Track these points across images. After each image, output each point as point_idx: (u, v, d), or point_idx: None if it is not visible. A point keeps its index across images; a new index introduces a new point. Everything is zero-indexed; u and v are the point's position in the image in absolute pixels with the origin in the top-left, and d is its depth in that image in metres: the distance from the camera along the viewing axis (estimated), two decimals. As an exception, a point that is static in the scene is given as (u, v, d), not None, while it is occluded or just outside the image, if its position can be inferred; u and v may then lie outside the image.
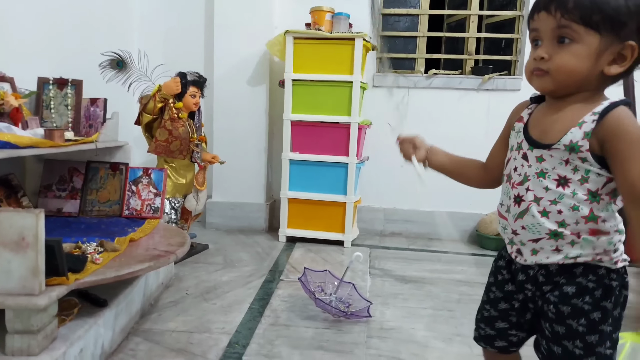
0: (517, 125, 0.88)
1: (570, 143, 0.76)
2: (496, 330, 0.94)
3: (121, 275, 1.29)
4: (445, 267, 2.37)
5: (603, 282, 0.79)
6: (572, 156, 0.76)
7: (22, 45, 1.93)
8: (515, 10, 2.91)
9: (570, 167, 0.77)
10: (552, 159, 0.79)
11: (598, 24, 0.73)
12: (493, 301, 0.95)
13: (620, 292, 0.80)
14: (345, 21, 2.59)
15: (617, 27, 0.72)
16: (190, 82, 2.24)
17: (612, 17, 0.72)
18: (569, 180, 0.78)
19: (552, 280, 0.82)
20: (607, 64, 0.75)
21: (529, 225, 0.82)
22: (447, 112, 2.91)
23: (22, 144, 1.33)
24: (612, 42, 0.73)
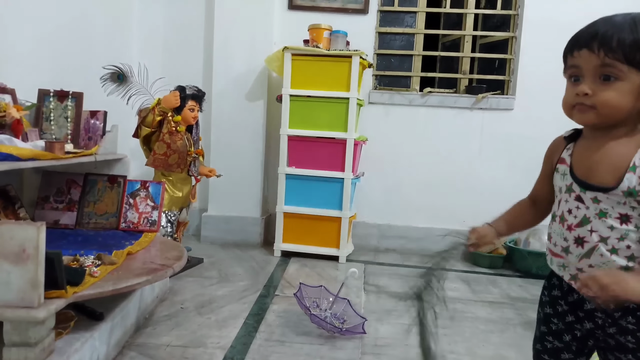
0: (560, 167, 0.90)
1: (628, 189, 0.78)
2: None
3: (119, 289, 1.29)
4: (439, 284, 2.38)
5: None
6: (629, 200, 0.79)
7: (23, 57, 1.95)
8: (508, 31, 2.98)
9: (630, 206, 0.80)
10: (609, 200, 0.81)
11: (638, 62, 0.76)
12: (556, 333, 0.95)
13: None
14: (342, 39, 2.64)
15: None
16: (189, 96, 2.27)
17: None
18: (631, 217, 0.80)
19: (622, 306, 0.83)
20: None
21: (599, 264, 0.83)
22: (441, 130, 2.96)
23: (24, 156, 1.34)
24: None
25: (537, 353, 1.00)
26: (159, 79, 2.22)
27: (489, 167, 2.89)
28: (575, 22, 0.95)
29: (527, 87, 2.85)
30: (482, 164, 2.92)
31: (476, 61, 3.13)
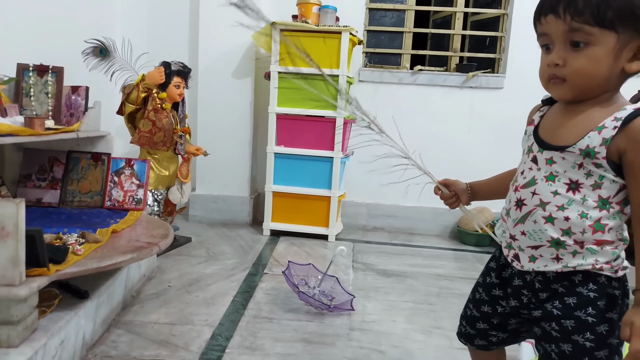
0: (528, 128, 0.85)
1: (587, 148, 0.72)
2: (476, 330, 0.95)
3: (103, 267, 1.28)
4: (426, 262, 2.41)
5: (605, 291, 0.75)
6: (587, 161, 0.73)
7: (1, 31, 1.88)
8: (500, 8, 2.95)
9: (584, 172, 0.74)
10: (563, 161, 0.75)
11: (613, 22, 0.68)
12: (477, 302, 0.94)
13: (623, 302, 0.76)
14: (332, 14, 2.59)
15: (634, 20, 0.68)
16: (174, 72, 2.22)
17: (627, 12, 0.68)
18: (581, 185, 0.74)
19: (549, 287, 0.79)
20: (627, 62, 0.71)
21: (530, 232, 0.79)
22: (431, 109, 2.94)
23: (2, 132, 1.30)
24: (630, 37, 0.69)
25: (460, 318, 1.00)
26: (143, 54, 2.16)
27: (478, 146, 2.89)
28: None
29: (517, 66, 2.84)
30: (471, 143, 2.91)
31: (467, 39, 3.10)
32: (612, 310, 0.75)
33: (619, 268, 0.76)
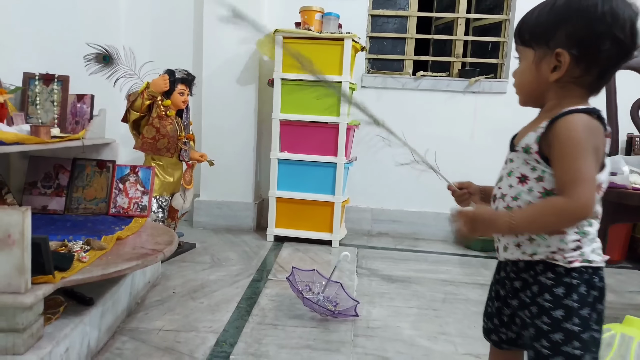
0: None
1: (526, 146, 0.82)
2: (493, 325, 0.97)
3: (108, 274, 1.28)
4: (431, 267, 2.40)
5: (563, 280, 0.80)
6: (529, 157, 0.82)
7: (7, 40, 1.90)
8: (502, 14, 2.95)
9: (530, 167, 0.83)
10: (517, 160, 0.85)
11: (529, 41, 0.83)
12: (490, 298, 0.98)
13: (588, 292, 0.79)
14: (334, 21, 2.60)
15: (543, 39, 0.80)
16: (178, 79, 2.23)
17: (537, 32, 0.82)
18: (527, 178, 0.83)
19: (520, 277, 0.86)
20: (550, 72, 0.81)
21: None
22: (434, 114, 2.95)
23: (8, 141, 1.31)
24: (545, 53, 0.81)
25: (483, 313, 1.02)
26: (147, 62, 2.18)
27: (481, 150, 2.88)
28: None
29: (520, 70, 2.84)
30: (475, 147, 2.91)
31: (469, 44, 3.11)
32: (569, 298, 0.79)
33: (574, 260, 0.80)
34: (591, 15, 0.75)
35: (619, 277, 2.41)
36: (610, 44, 0.76)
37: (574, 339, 0.79)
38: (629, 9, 0.75)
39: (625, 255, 2.71)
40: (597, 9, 0.75)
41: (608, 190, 1.45)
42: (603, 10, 0.74)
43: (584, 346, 0.79)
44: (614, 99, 1.76)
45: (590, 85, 0.81)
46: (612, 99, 1.75)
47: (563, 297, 0.79)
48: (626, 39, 0.75)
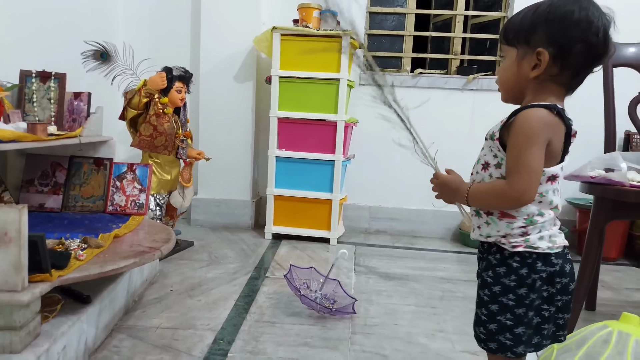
0: None
1: (492, 134, 0.92)
2: None
3: (105, 272, 1.28)
4: (429, 265, 2.40)
5: (506, 262, 0.91)
6: (492, 145, 0.92)
7: (4, 37, 1.89)
8: (500, 11, 2.95)
9: (492, 154, 0.93)
10: (485, 148, 0.96)
11: (512, 40, 0.91)
12: None
13: (528, 275, 0.89)
14: (332, 19, 2.59)
15: (525, 38, 0.88)
16: (176, 77, 2.23)
17: (519, 32, 0.89)
18: (489, 165, 0.93)
19: (483, 257, 0.99)
20: (530, 70, 0.88)
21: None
22: (432, 111, 2.94)
23: (5, 138, 1.31)
24: (526, 51, 0.88)
25: None
26: (145, 60, 2.17)
27: (479, 148, 2.87)
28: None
29: (518, 68, 2.84)
30: (473, 145, 2.89)
31: (467, 42, 3.10)
32: (508, 277, 0.91)
33: (518, 245, 0.90)
34: (568, 20, 0.84)
35: (616, 274, 2.42)
36: (583, 47, 0.84)
37: (507, 311, 0.91)
38: (603, 17, 0.84)
39: (622, 252, 2.72)
40: (574, 15, 0.83)
41: (605, 187, 1.46)
42: (579, 17, 0.83)
43: (516, 319, 0.90)
44: (612, 97, 1.76)
45: (566, 84, 0.89)
46: (609, 97, 1.75)
47: (502, 275, 0.91)
48: (598, 44, 0.84)
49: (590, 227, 1.58)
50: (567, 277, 0.91)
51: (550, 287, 0.90)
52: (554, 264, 0.90)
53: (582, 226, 2.76)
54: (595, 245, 1.57)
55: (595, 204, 1.59)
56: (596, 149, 1.97)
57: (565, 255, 0.92)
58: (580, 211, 2.80)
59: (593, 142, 2.26)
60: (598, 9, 0.85)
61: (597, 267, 1.83)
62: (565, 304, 0.93)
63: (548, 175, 0.88)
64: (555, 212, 0.91)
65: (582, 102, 2.79)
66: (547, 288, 0.90)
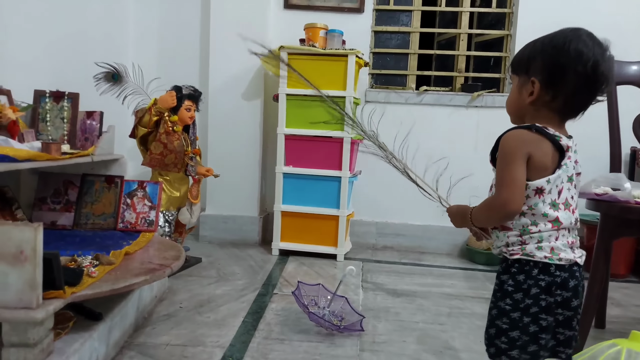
0: None
1: (490, 156, 1.02)
2: None
3: (117, 289, 1.30)
4: (436, 281, 2.40)
5: (508, 269, 0.97)
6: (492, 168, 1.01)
7: (19, 58, 1.95)
8: (503, 29, 2.99)
9: (494, 175, 1.01)
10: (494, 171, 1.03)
11: (516, 69, 1.01)
12: None
13: (524, 281, 0.94)
14: (338, 38, 2.64)
15: (524, 68, 0.98)
16: (185, 95, 2.27)
17: (520, 62, 0.99)
18: (493, 185, 1.03)
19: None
20: (528, 96, 0.97)
21: None
22: (437, 128, 2.97)
23: (21, 157, 1.34)
24: (525, 80, 0.97)
25: None
26: (155, 79, 2.22)
27: (484, 164, 2.87)
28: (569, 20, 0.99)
29: (522, 85, 2.86)
30: (478, 162, 2.92)
31: (472, 59, 3.14)
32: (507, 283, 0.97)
33: (515, 253, 0.96)
34: (559, 50, 0.91)
35: (625, 291, 2.40)
36: (572, 76, 0.90)
37: (504, 315, 0.96)
38: (596, 48, 0.90)
39: (631, 269, 2.70)
40: (564, 46, 0.90)
41: (611, 205, 1.46)
42: (569, 48, 0.90)
43: (511, 323, 0.95)
44: (616, 114, 1.77)
45: (559, 110, 0.95)
46: (613, 114, 1.77)
47: (504, 281, 0.97)
48: (586, 73, 0.89)
49: (597, 244, 1.58)
50: (569, 292, 0.94)
51: (548, 297, 0.93)
52: (555, 275, 0.93)
53: (589, 242, 2.75)
54: (603, 261, 1.57)
55: (601, 221, 1.59)
56: (602, 166, 1.98)
57: (572, 271, 0.94)
58: (588, 227, 2.79)
59: (599, 158, 2.27)
60: (593, 41, 0.91)
61: (606, 284, 1.83)
62: (567, 320, 0.95)
63: (533, 188, 0.93)
64: (555, 224, 0.93)
65: (586, 119, 2.82)
66: (545, 297, 0.93)
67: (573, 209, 0.96)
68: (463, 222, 1.05)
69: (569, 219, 0.95)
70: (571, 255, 0.95)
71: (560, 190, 0.94)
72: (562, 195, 0.94)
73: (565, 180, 0.95)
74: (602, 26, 1.05)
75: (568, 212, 0.95)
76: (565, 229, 0.95)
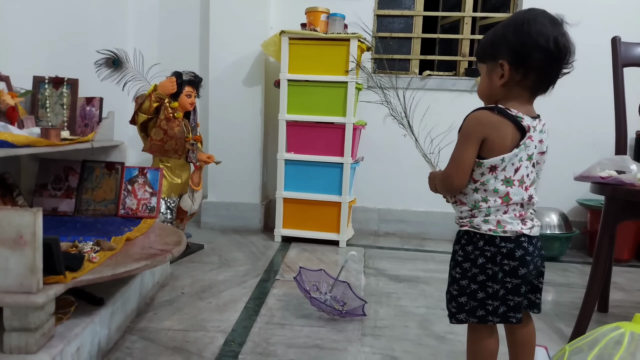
0: None
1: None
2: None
3: (118, 274, 1.30)
4: (439, 267, 2.40)
5: (459, 240, 1.07)
6: None
7: (17, 44, 1.93)
8: (508, 12, 2.95)
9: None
10: None
11: (482, 57, 1.06)
12: None
13: (472, 251, 1.03)
14: (340, 22, 2.61)
15: (490, 54, 1.02)
16: (186, 81, 2.25)
17: (485, 50, 1.04)
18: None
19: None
20: (498, 79, 1.01)
21: None
22: (441, 113, 2.93)
23: (20, 143, 1.34)
24: (493, 65, 1.01)
25: None
26: (155, 65, 2.20)
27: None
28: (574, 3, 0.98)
29: (526, 69, 2.83)
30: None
31: (475, 43, 3.10)
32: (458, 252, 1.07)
33: (464, 225, 1.05)
34: (520, 33, 0.96)
35: (628, 275, 2.39)
36: (538, 54, 0.95)
37: (455, 282, 1.06)
38: (552, 25, 0.95)
39: (634, 253, 2.69)
40: (524, 28, 0.96)
41: (616, 187, 1.45)
42: (529, 30, 0.95)
43: (460, 289, 1.05)
44: (622, 97, 1.75)
45: (531, 87, 1.00)
46: (620, 97, 1.74)
47: (456, 251, 1.07)
48: (550, 49, 0.94)
49: (601, 228, 1.57)
50: (516, 261, 0.99)
51: (494, 266, 1.00)
52: (500, 247, 1.00)
53: (593, 227, 2.74)
54: (606, 246, 1.56)
55: (605, 205, 1.57)
56: (607, 149, 1.96)
57: (519, 242, 1.00)
58: (591, 212, 2.77)
59: (604, 142, 2.24)
60: (547, 17, 0.97)
61: (609, 268, 1.81)
62: (515, 287, 1.01)
63: (488, 166, 0.99)
64: (505, 200, 0.99)
65: (592, 103, 2.78)
66: (491, 267, 1.00)
67: (527, 186, 1.01)
68: (434, 185, 1.13)
69: (520, 194, 1.00)
70: (518, 227, 0.99)
71: (517, 168, 0.99)
72: (518, 172, 0.99)
73: (524, 158, 0.99)
74: (608, 8, 1.03)
75: (520, 189, 1.00)
76: (516, 204, 1.00)
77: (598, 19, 2.66)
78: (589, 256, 2.70)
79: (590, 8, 2.71)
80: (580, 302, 1.59)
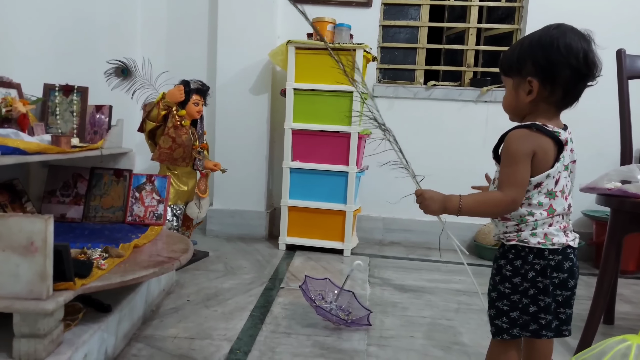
0: None
1: (493, 154, 1.08)
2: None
3: (126, 281, 1.30)
4: (444, 277, 2.39)
5: (505, 254, 1.04)
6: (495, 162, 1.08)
7: (28, 52, 1.96)
8: (513, 24, 2.96)
9: (496, 169, 1.08)
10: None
11: (508, 72, 1.05)
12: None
13: (521, 266, 1.01)
14: (346, 32, 2.63)
15: (516, 69, 1.02)
16: (193, 90, 2.27)
17: (511, 65, 1.03)
18: (495, 179, 1.09)
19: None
20: (525, 95, 1.01)
21: None
22: (446, 123, 2.95)
23: (31, 150, 1.35)
24: (520, 81, 1.02)
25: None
26: (163, 73, 2.22)
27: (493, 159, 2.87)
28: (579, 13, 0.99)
29: (532, 80, 2.84)
30: (487, 156, 2.89)
31: (480, 54, 3.12)
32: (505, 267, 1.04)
33: (511, 240, 1.03)
34: (549, 49, 0.96)
35: (634, 287, 2.38)
36: (567, 70, 0.96)
37: (504, 298, 1.04)
38: (582, 41, 0.96)
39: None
40: (554, 44, 0.96)
41: (622, 199, 1.45)
42: (558, 45, 0.95)
43: (512, 304, 1.03)
44: (627, 109, 1.75)
45: (557, 102, 1.01)
46: (625, 109, 1.75)
47: (502, 266, 1.04)
48: (580, 66, 0.95)
49: (607, 240, 1.56)
50: (565, 273, 1.00)
51: (544, 279, 0.99)
52: (549, 259, 0.99)
53: (599, 239, 2.73)
54: (613, 258, 1.56)
55: (612, 217, 1.57)
56: (613, 160, 1.96)
57: (566, 254, 1.00)
58: (597, 223, 2.77)
59: (609, 153, 2.24)
60: (576, 33, 0.97)
61: (615, 280, 1.81)
62: (566, 300, 1.02)
63: (535, 184, 0.99)
64: (550, 212, 1.00)
65: (598, 113, 2.79)
66: (542, 280, 0.99)
67: (566, 195, 1.02)
68: (442, 209, 1.07)
69: (562, 205, 1.01)
70: (564, 239, 1.00)
71: (557, 179, 1.00)
72: (559, 183, 1.00)
73: (562, 170, 1.00)
74: (612, 19, 1.04)
75: (562, 199, 1.01)
76: (559, 215, 1.01)
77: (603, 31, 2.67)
78: (594, 268, 2.69)
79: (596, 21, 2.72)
80: (586, 314, 1.58)
